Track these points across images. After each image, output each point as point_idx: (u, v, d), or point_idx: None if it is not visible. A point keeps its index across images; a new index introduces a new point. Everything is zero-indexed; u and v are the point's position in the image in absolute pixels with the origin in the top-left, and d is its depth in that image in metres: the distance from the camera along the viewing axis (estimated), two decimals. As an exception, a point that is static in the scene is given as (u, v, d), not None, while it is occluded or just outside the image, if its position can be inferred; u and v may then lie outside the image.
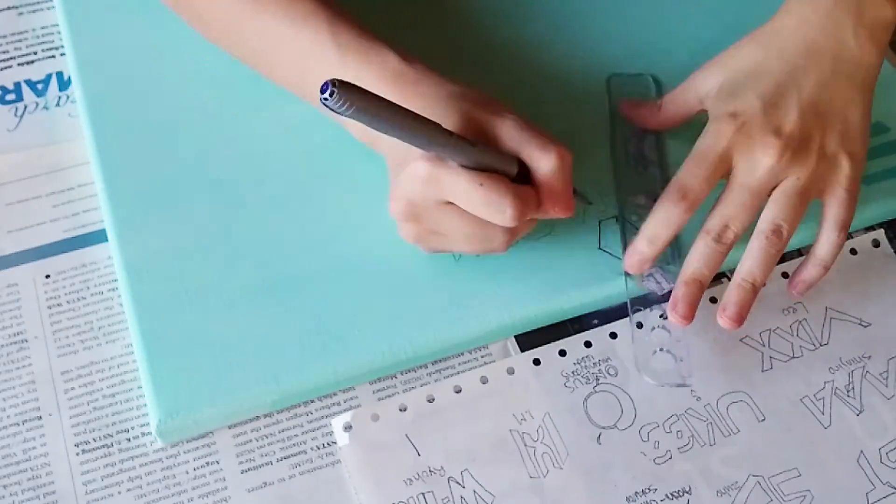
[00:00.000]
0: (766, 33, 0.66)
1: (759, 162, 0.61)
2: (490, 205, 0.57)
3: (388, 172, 0.62)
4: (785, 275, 0.67)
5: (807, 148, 0.62)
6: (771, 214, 0.61)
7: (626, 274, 0.64)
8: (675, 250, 0.65)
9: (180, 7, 0.70)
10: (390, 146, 0.60)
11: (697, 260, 0.61)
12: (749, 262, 0.61)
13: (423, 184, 0.57)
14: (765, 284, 0.62)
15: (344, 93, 0.50)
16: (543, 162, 0.58)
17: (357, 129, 0.62)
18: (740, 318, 0.61)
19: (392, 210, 0.60)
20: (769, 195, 0.62)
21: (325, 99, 0.50)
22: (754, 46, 0.65)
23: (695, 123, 0.66)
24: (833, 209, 0.63)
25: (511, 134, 0.59)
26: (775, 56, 0.64)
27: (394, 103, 0.53)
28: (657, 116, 0.69)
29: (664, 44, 0.76)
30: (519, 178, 0.59)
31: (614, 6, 0.78)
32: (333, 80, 0.50)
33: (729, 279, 0.67)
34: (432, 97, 0.59)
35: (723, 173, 0.62)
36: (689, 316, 0.61)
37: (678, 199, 0.61)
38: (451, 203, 0.58)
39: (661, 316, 0.64)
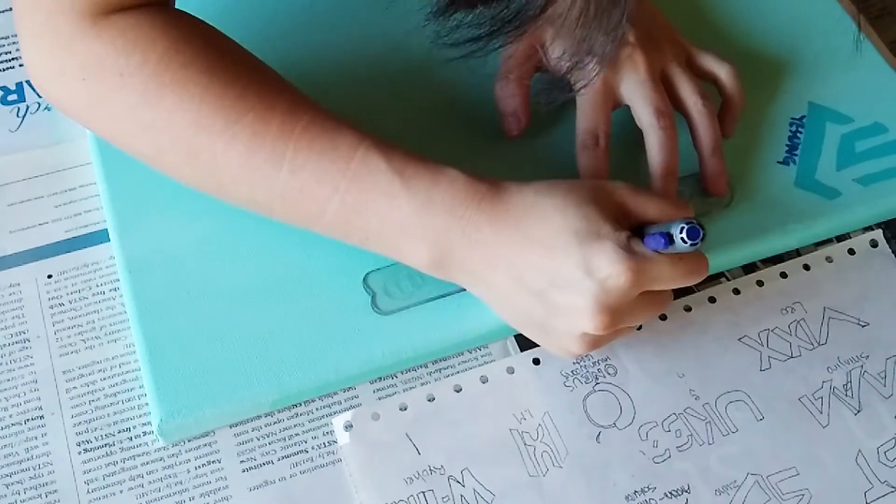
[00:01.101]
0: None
1: (637, 64, 0.66)
2: (692, 271, 0.58)
3: (486, 300, 0.61)
4: (783, 274, 0.67)
5: (655, 41, 0.68)
6: (685, 88, 0.68)
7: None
8: None
9: (170, 155, 0.61)
10: (484, 278, 0.59)
11: (661, 150, 0.65)
12: (703, 128, 0.67)
13: (631, 284, 0.55)
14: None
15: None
16: (682, 211, 0.60)
17: (427, 261, 0.59)
18: (726, 181, 0.67)
19: (592, 326, 0.56)
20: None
21: (695, 243, 0.53)
22: None
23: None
24: (703, 58, 0.70)
25: (638, 200, 0.59)
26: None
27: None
28: (518, 111, 0.69)
29: None
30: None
31: None
32: (700, 222, 0.54)
33: (728, 279, 0.67)
34: (552, 197, 0.58)
35: (615, 105, 0.67)
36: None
37: (594, 142, 0.65)
38: (646, 291, 0.57)
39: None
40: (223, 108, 0.58)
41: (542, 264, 0.57)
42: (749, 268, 0.68)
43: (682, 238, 0.54)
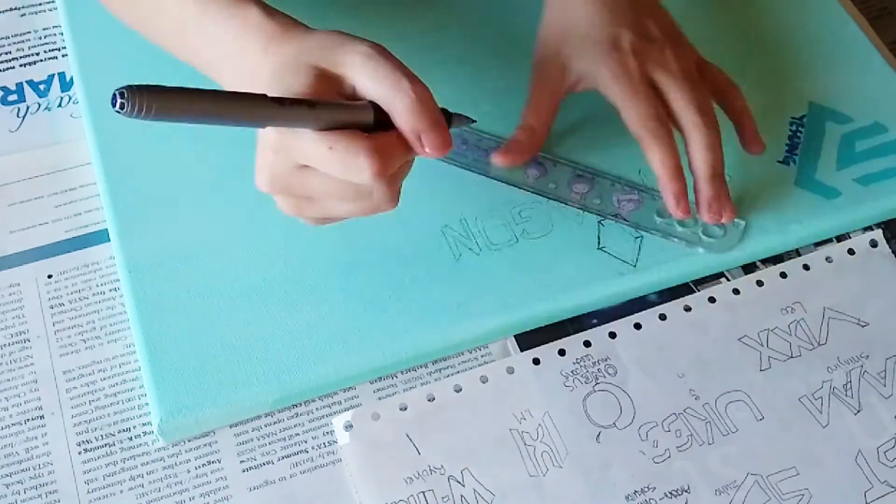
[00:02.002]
0: (554, 7, 0.69)
1: (668, 60, 0.66)
2: (346, 165, 0.53)
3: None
4: (783, 274, 0.67)
5: (674, 40, 0.68)
6: (697, 103, 0.66)
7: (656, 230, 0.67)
8: (602, 174, 0.69)
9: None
10: None
11: (708, 150, 0.64)
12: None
13: (276, 153, 0.54)
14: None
15: (134, 98, 0.45)
16: (397, 103, 0.53)
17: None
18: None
19: (257, 183, 0.56)
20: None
21: (118, 111, 0.45)
22: (564, 7, 0.69)
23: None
24: (713, 73, 0.69)
25: (362, 70, 0.54)
26: (584, 7, 0.68)
27: (202, 91, 0.48)
28: (538, 137, 0.68)
29: None
30: (384, 122, 0.54)
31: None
32: (120, 88, 0.44)
33: (728, 279, 0.67)
34: (283, 53, 0.56)
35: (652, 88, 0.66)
36: (732, 209, 0.66)
37: (664, 124, 0.64)
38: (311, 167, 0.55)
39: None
40: None
41: None
42: (749, 268, 0.68)
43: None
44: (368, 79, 0.54)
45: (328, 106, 0.53)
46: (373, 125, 0.54)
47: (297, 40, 0.57)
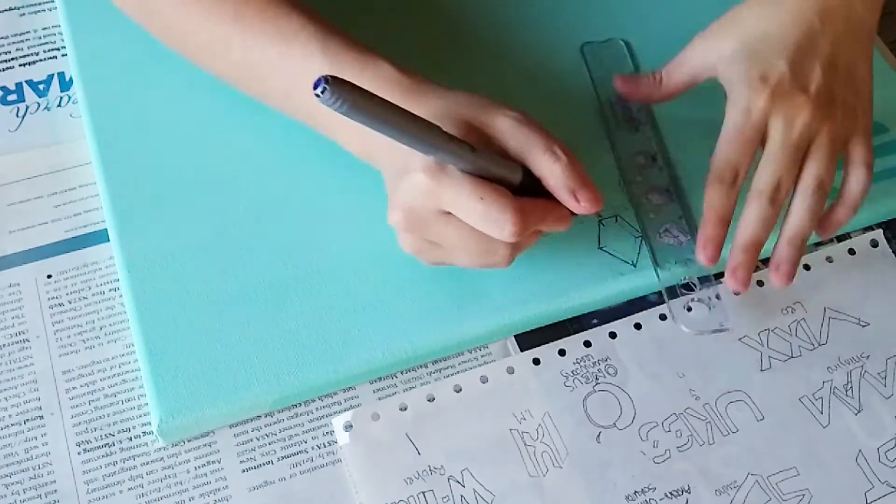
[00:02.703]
0: (760, 3, 0.66)
1: (796, 121, 0.62)
2: (490, 219, 0.56)
3: (386, 185, 0.61)
4: (784, 275, 0.67)
5: (833, 104, 0.64)
6: (813, 171, 0.63)
7: (657, 266, 0.65)
8: (683, 203, 0.68)
9: (155, 25, 0.69)
10: (388, 158, 0.60)
11: (754, 222, 0.62)
12: (798, 219, 0.63)
13: (424, 193, 0.56)
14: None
15: (337, 89, 0.49)
16: (552, 165, 0.57)
17: (353, 143, 0.62)
18: (793, 275, 0.62)
19: (391, 219, 0.58)
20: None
21: (318, 95, 0.48)
22: (765, 9, 0.66)
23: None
24: (857, 152, 0.65)
25: (513, 135, 0.58)
26: (790, 18, 0.65)
27: (391, 103, 0.52)
28: (659, 90, 0.69)
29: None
30: (527, 185, 0.58)
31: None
32: (326, 75, 0.48)
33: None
34: (432, 105, 0.59)
35: (761, 140, 0.63)
36: (748, 283, 0.62)
37: (732, 178, 0.62)
38: (452, 214, 0.57)
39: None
40: None
41: (399, 156, 0.57)
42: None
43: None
44: (520, 142, 0.58)
45: (487, 155, 0.56)
46: (517, 187, 0.57)
47: (443, 95, 0.60)
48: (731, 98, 0.64)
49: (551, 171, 0.57)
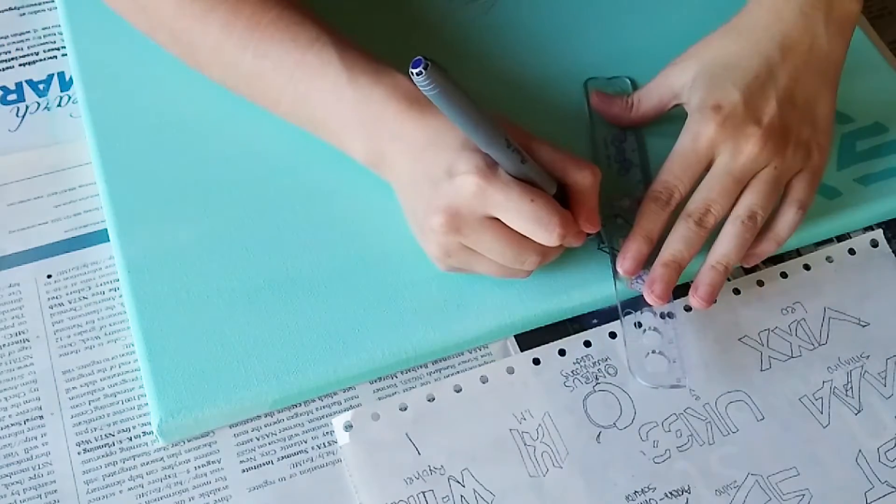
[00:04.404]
0: (739, 27, 0.66)
1: (741, 151, 0.62)
2: (539, 221, 0.58)
3: (399, 194, 0.62)
4: (784, 274, 0.67)
5: (785, 138, 0.63)
6: (748, 201, 0.63)
7: (616, 277, 0.65)
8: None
9: (160, 34, 0.68)
10: (408, 166, 0.60)
11: (678, 241, 0.62)
12: (724, 245, 0.63)
13: (473, 195, 0.57)
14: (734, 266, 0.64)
15: (434, 71, 0.51)
16: (580, 177, 0.60)
17: (363, 152, 0.63)
18: (711, 298, 0.62)
19: (433, 222, 0.59)
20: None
21: (416, 74, 0.51)
22: (729, 40, 0.66)
23: (675, 119, 0.66)
24: (797, 190, 0.65)
25: (547, 153, 0.60)
26: (751, 49, 0.65)
27: (470, 98, 0.54)
28: (630, 113, 0.70)
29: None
30: (557, 198, 0.60)
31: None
32: (426, 57, 0.50)
33: (728, 279, 0.67)
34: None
35: (706, 167, 0.63)
36: (666, 297, 0.62)
37: (666, 199, 0.63)
38: (495, 219, 0.58)
39: (655, 315, 0.64)
40: None
41: (433, 161, 0.59)
42: (750, 268, 0.68)
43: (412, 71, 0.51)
44: (556, 155, 0.60)
45: (532, 164, 0.59)
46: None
47: None
48: (686, 123, 0.64)
49: (593, 183, 0.60)
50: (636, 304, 0.64)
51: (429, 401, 0.62)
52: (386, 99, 0.61)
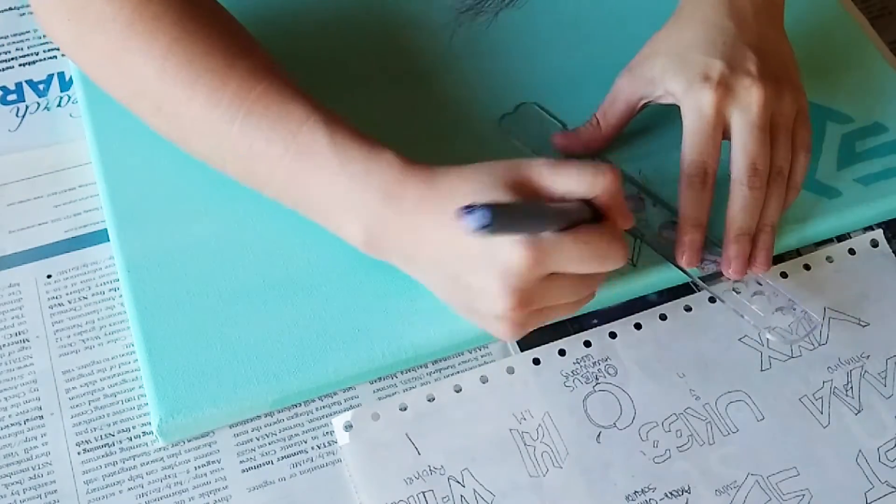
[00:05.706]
0: (684, 14, 0.67)
1: (752, 101, 0.63)
2: (601, 255, 0.57)
3: (436, 289, 0.60)
4: (784, 274, 0.67)
5: (776, 82, 0.65)
6: (774, 158, 0.64)
7: (674, 264, 0.65)
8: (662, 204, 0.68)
9: (141, 102, 0.64)
10: (414, 258, 0.59)
11: (739, 212, 0.63)
12: (765, 207, 0.64)
13: (530, 269, 0.55)
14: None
15: (497, 218, 0.48)
16: (599, 181, 0.57)
17: (363, 242, 0.60)
18: (770, 262, 0.64)
19: (500, 308, 0.56)
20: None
21: (482, 227, 0.47)
22: (680, 26, 0.67)
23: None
24: (799, 135, 0.66)
25: (562, 176, 0.57)
26: (706, 26, 0.66)
27: (519, 204, 0.54)
28: (600, 132, 0.69)
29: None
30: (587, 219, 0.58)
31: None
32: (488, 206, 0.47)
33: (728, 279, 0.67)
34: (455, 183, 0.57)
35: (721, 134, 0.64)
36: (745, 271, 0.63)
37: (701, 179, 0.63)
38: (555, 273, 0.56)
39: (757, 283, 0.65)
40: (187, 64, 0.60)
41: (455, 246, 0.57)
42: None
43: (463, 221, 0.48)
44: (572, 179, 0.57)
45: (559, 205, 0.56)
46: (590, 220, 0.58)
47: (460, 172, 0.58)
48: (683, 106, 0.64)
49: (611, 189, 0.57)
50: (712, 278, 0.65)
51: (429, 401, 0.62)
52: (383, 183, 0.58)
